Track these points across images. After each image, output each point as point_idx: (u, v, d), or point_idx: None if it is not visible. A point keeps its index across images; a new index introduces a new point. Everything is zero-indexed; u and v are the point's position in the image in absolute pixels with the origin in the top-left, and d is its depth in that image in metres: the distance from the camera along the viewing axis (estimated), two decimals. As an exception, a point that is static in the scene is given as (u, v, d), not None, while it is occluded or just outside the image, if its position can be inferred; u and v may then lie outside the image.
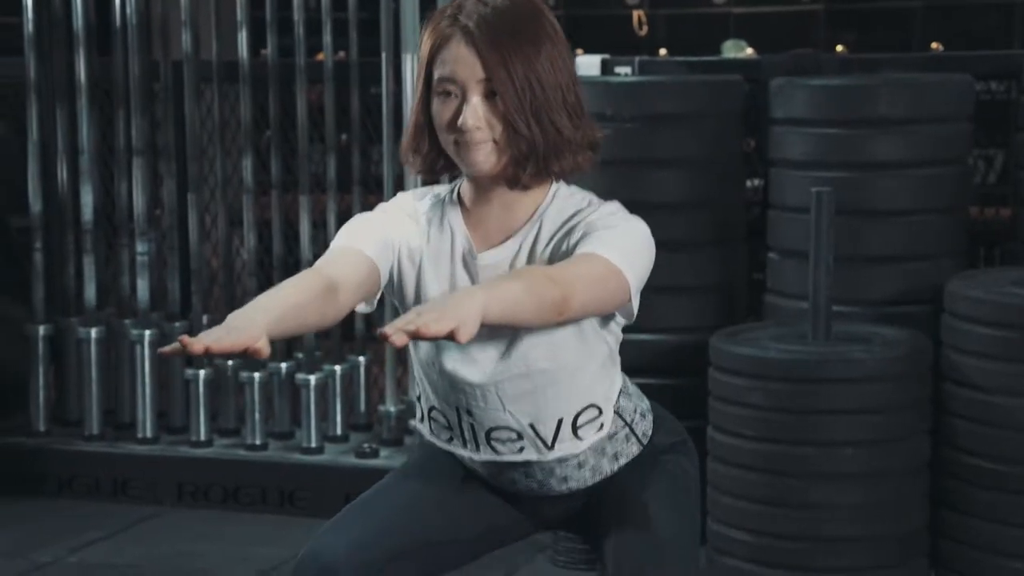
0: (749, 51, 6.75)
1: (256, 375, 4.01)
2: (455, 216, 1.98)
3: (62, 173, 4.20)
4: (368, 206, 4.05)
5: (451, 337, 1.63)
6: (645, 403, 2.08)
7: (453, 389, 1.98)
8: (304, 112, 4.02)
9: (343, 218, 4.10)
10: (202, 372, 4.04)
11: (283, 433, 4.09)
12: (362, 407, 4.15)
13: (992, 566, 3.16)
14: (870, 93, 3.42)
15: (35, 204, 4.16)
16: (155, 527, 3.88)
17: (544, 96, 1.89)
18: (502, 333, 1.92)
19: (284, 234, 4.10)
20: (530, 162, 1.91)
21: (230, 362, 4.09)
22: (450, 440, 2.04)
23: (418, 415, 2.09)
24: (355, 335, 4.11)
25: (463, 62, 1.89)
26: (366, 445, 3.95)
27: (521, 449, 1.99)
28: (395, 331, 1.62)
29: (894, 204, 3.43)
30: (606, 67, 3.86)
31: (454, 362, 1.96)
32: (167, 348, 1.67)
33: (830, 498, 3.11)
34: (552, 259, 1.92)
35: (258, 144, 4.19)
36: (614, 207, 1.95)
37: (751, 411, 3.15)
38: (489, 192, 1.96)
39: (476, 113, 1.89)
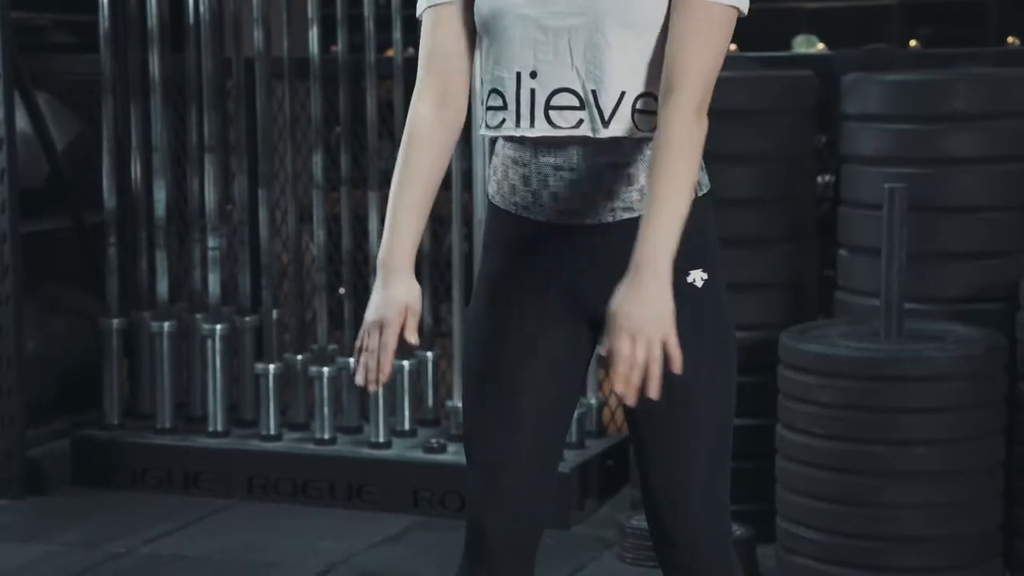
0: (821, 46, 6.69)
1: (325, 370, 4.03)
2: None
3: (136, 169, 4.25)
4: (436, 203, 4.06)
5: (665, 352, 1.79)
6: (705, 177, 2.04)
7: (524, 42, 1.94)
8: (374, 108, 4.04)
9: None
10: (272, 367, 4.08)
11: (351, 428, 4.11)
12: (430, 402, 4.16)
13: (1068, 568, 3.11)
14: (945, 88, 3.38)
15: (109, 200, 4.21)
16: (225, 520, 3.91)
17: None
18: None
19: (353, 230, 4.12)
20: None
21: (299, 357, 4.12)
22: (502, 124, 1.97)
23: (480, 121, 2.02)
24: (423, 331, 4.12)
25: None
26: (434, 440, 3.96)
27: (579, 122, 1.93)
28: (626, 391, 1.78)
29: (968, 200, 3.39)
30: (676, 62, 3.82)
31: (534, 7, 1.93)
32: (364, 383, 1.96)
33: (902, 497, 3.08)
34: None
35: (328, 140, 4.21)
36: None
37: (821, 409, 3.13)
38: None
39: None
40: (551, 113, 1.94)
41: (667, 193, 1.86)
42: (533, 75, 1.94)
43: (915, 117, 3.39)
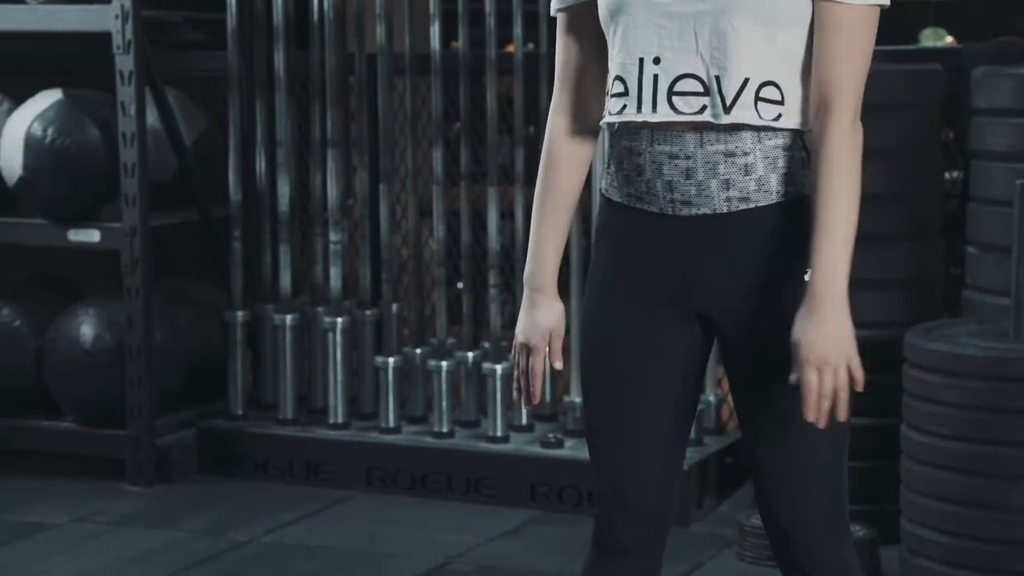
0: (949, 40, 6.54)
1: (444, 364, 4.06)
2: None
3: (260, 164, 4.32)
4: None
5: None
6: None
7: (649, 28, 1.93)
8: (493, 104, 4.05)
9: (530, 210, 4.11)
10: (391, 360, 4.11)
11: (469, 421, 4.13)
12: (547, 397, 4.16)
13: None
14: (1079, 81, 3.28)
15: (235, 194, 4.29)
16: (345, 511, 3.96)
17: None
18: None
19: (472, 225, 4.14)
20: None
21: (418, 351, 4.15)
22: (623, 110, 1.96)
23: (605, 115, 2.02)
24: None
25: None
26: (551, 435, 3.97)
27: (702, 108, 1.92)
28: (817, 418, 1.85)
29: (1104, 197, 3.28)
30: (800, 56, 3.78)
31: None
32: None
33: (1031, 501, 3.00)
34: None
35: (448, 136, 4.24)
36: None
37: (947, 409, 3.06)
38: None
39: None
40: (674, 99, 1.93)
41: (833, 215, 1.87)
42: (656, 61, 1.94)
43: (1048, 111, 3.31)
